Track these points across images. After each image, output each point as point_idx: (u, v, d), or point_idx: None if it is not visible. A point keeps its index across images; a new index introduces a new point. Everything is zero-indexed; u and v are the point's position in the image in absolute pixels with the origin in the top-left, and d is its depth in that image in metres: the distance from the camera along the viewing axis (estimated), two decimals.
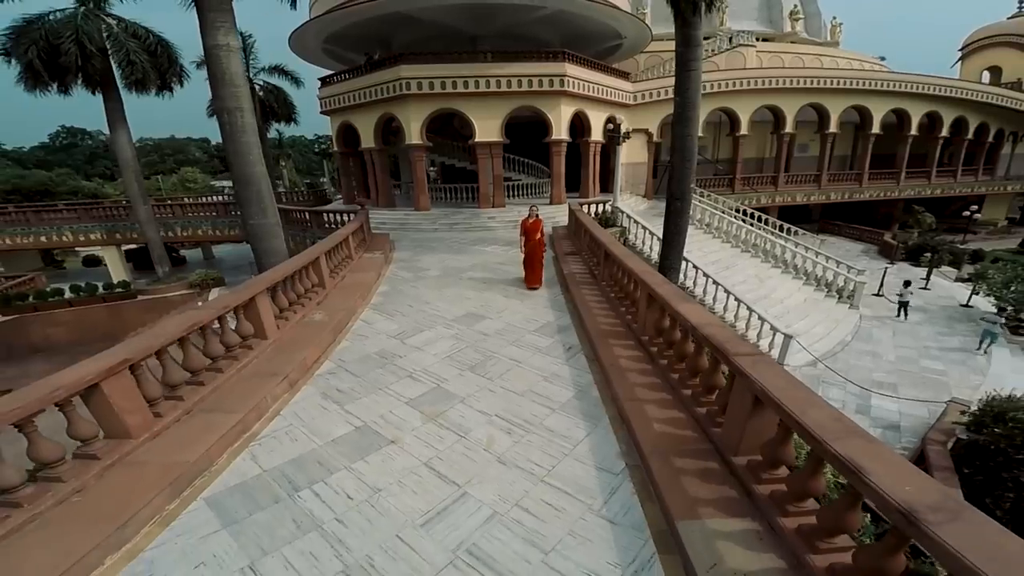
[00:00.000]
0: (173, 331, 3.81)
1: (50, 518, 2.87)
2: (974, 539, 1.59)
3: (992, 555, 1.53)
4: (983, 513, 1.71)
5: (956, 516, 1.68)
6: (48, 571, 2.50)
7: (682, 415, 3.51)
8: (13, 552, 2.64)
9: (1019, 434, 6.11)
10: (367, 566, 2.70)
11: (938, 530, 1.62)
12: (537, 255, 7.86)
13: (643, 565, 2.65)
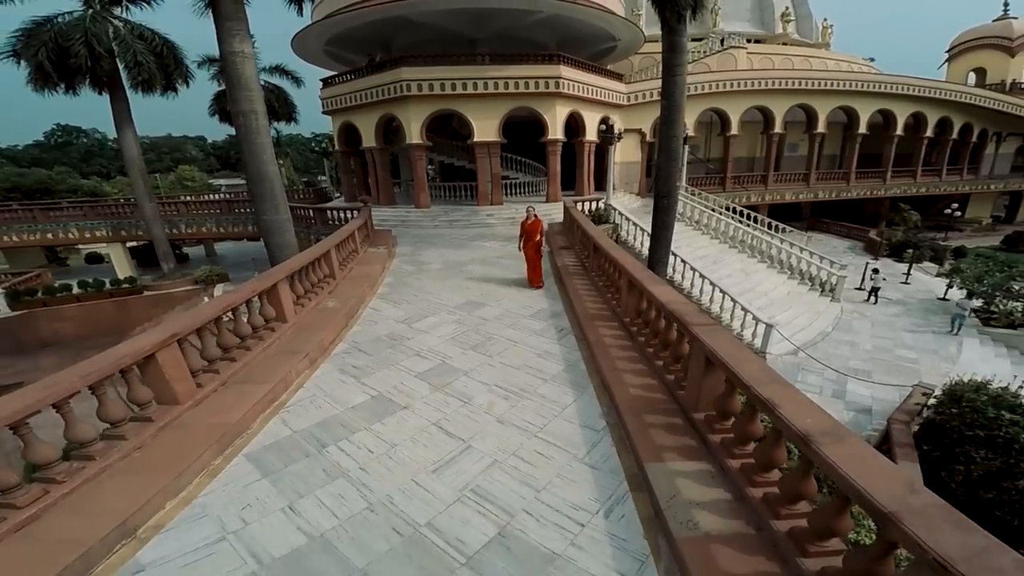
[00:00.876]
0: (211, 312, 4.34)
1: (117, 469, 3.39)
2: (849, 456, 2.15)
3: (860, 466, 2.09)
4: (862, 439, 2.28)
5: (840, 440, 2.24)
6: (121, 512, 3.01)
7: (655, 382, 4.08)
8: (91, 496, 3.15)
9: (969, 413, 6.71)
10: (388, 503, 3.24)
11: (825, 449, 2.18)
12: (537, 255, 7.97)
13: (618, 500, 3.21)
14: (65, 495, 3.07)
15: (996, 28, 34.66)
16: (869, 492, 1.92)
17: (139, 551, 2.88)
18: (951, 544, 1.67)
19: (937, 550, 1.65)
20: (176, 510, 3.24)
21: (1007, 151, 33.31)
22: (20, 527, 2.80)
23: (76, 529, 2.86)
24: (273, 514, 3.18)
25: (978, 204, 33.35)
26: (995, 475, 6.10)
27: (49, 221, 19.23)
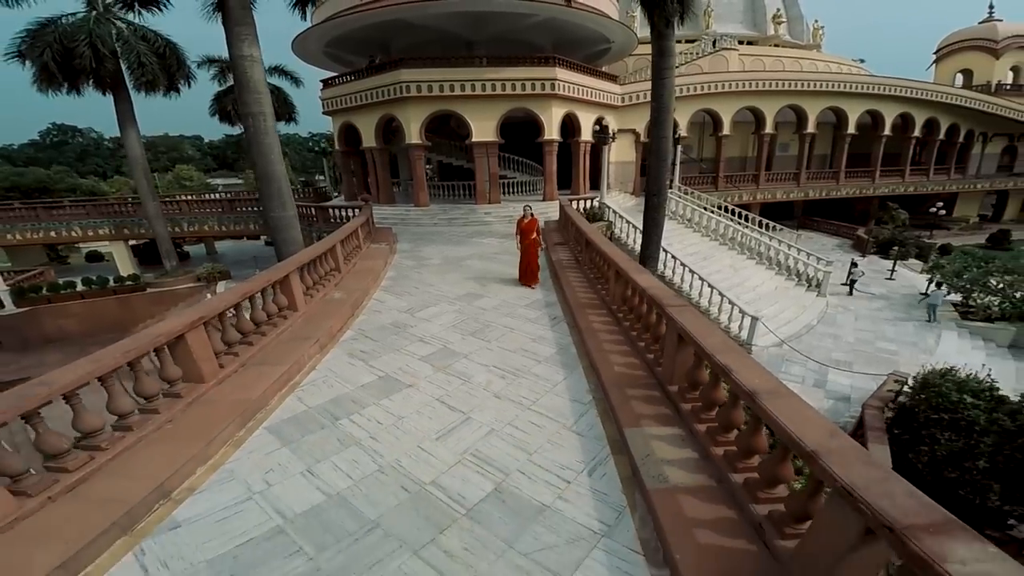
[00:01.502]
0: (231, 298, 4.72)
1: (153, 439, 3.78)
2: (787, 409, 2.57)
3: (794, 417, 2.51)
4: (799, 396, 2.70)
5: (780, 396, 2.67)
6: (158, 476, 3.39)
7: (637, 361, 4.50)
8: (131, 462, 3.53)
9: (935, 398, 7.18)
10: (396, 466, 3.65)
11: (767, 403, 2.61)
12: (533, 254, 7.94)
13: (601, 461, 3.62)
14: (108, 461, 3.45)
15: (981, 30, 35.29)
16: (799, 436, 2.35)
17: (175, 510, 3.26)
18: (857, 475, 2.08)
19: (845, 480, 2.06)
20: (206, 475, 3.62)
21: (993, 151, 33.98)
22: (71, 488, 3.19)
23: (120, 490, 3.24)
24: (293, 477, 3.57)
25: (966, 203, 34.01)
26: (957, 456, 6.56)
27: (52, 220, 19.49)
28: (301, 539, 2.98)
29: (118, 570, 2.76)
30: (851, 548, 2.04)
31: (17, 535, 2.78)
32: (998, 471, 6.32)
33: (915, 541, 1.70)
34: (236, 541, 2.96)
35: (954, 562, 1.60)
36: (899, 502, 1.89)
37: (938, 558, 1.62)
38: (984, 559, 1.63)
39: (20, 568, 2.55)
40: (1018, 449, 6.26)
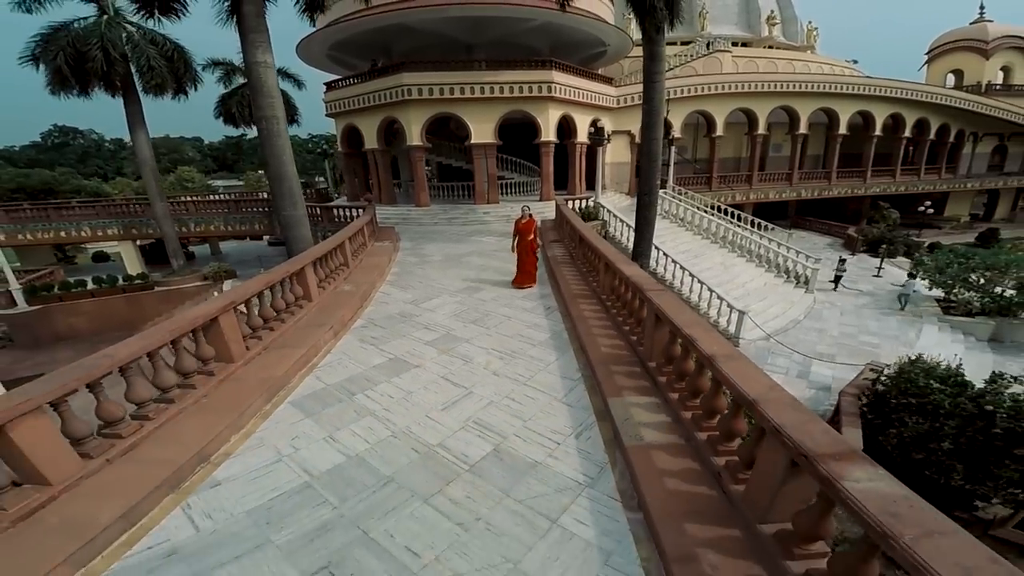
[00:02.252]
0: (256, 286, 5.22)
1: (191, 411, 4.26)
2: (737, 369, 3.07)
3: (743, 375, 3.01)
4: (749, 360, 3.21)
5: (733, 359, 3.17)
6: (198, 442, 3.85)
7: (621, 342, 5.00)
8: (174, 431, 4.00)
9: (904, 383, 7.68)
10: (407, 431, 4.14)
11: (722, 365, 3.11)
12: (530, 255, 7.94)
13: (587, 427, 4.12)
14: (155, 429, 3.94)
15: (972, 31, 35.79)
16: (744, 389, 2.85)
17: (214, 471, 3.74)
18: (786, 418, 2.58)
19: (776, 421, 2.56)
20: (240, 442, 4.11)
21: (984, 151, 34.49)
22: (125, 452, 3.66)
23: (166, 454, 3.71)
24: (317, 442, 4.06)
25: (957, 202, 34.56)
26: (923, 438, 7.04)
27: (62, 220, 19.95)
28: (326, 492, 3.47)
29: (168, 521, 3.22)
30: (781, 481, 2.55)
31: (83, 491, 3.25)
32: (961, 452, 6.81)
33: (823, 465, 2.20)
34: (270, 495, 3.45)
35: (850, 480, 2.09)
36: (816, 438, 2.39)
37: (839, 477, 2.11)
38: (875, 478, 2.12)
39: (91, 518, 3.01)
40: (979, 431, 6.76)
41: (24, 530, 2.85)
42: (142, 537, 3.03)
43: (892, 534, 1.74)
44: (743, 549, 2.63)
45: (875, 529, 1.82)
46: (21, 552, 2.70)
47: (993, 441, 6.59)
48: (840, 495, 2.00)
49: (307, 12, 11.92)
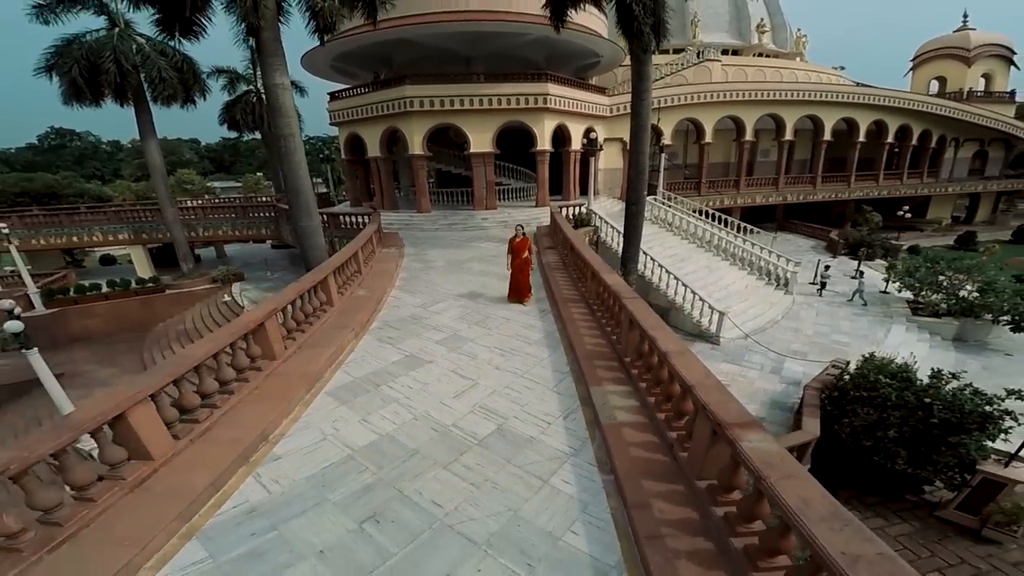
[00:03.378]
0: (290, 295, 6.09)
1: (247, 400, 5.09)
2: (685, 362, 3.98)
3: (687, 367, 3.91)
4: (695, 355, 4.11)
5: (683, 354, 4.07)
6: (257, 426, 4.66)
7: (604, 341, 5.91)
8: (237, 417, 4.81)
9: (858, 378, 8.62)
10: (426, 415, 5.02)
11: (673, 359, 4.02)
12: (524, 273, 8.17)
13: (573, 411, 5.02)
14: (222, 416, 4.78)
15: (955, 39, 36.91)
16: (686, 377, 3.76)
17: (274, 448, 4.59)
18: (711, 399, 3.47)
19: (704, 400, 3.46)
20: (290, 425, 4.97)
21: (965, 155, 35.68)
22: (202, 433, 4.48)
23: (234, 435, 4.55)
24: (353, 424, 4.94)
25: (939, 205, 35.75)
26: (872, 427, 7.96)
27: (74, 225, 20.65)
28: (366, 462, 4.35)
29: (245, 487, 4.04)
30: (708, 446, 3.46)
31: (177, 464, 4.08)
32: (904, 440, 7.74)
33: (730, 431, 3.10)
34: (321, 465, 4.31)
35: (746, 441, 2.99)
36: (729, 412, 3.29)
37: (738, 439, 3.01)
38: (763, 441, 3.01)
39: (187, 485, 3.83)
40: (920, 421, 7.69)
41: (139, 495, 3.70)
42: (226, 500, 3.88)
43: (763, 476, 2.65)
44: (684, 499, 3.52)
45: (755, 473, 2.72)
46: (141, 511, 3.55)
47: (932, 430, 7.53)
48: (737, 450, 2.90)
49: (317, 33, 12.76)
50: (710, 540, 3.06)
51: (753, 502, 2.86)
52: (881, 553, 1.99)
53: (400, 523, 3.58)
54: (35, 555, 2.99)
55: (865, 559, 1.97)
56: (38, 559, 3.00)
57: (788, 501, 2.33)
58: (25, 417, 14.28)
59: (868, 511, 8.42)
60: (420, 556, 3.29)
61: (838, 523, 2.16)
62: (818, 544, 2.07)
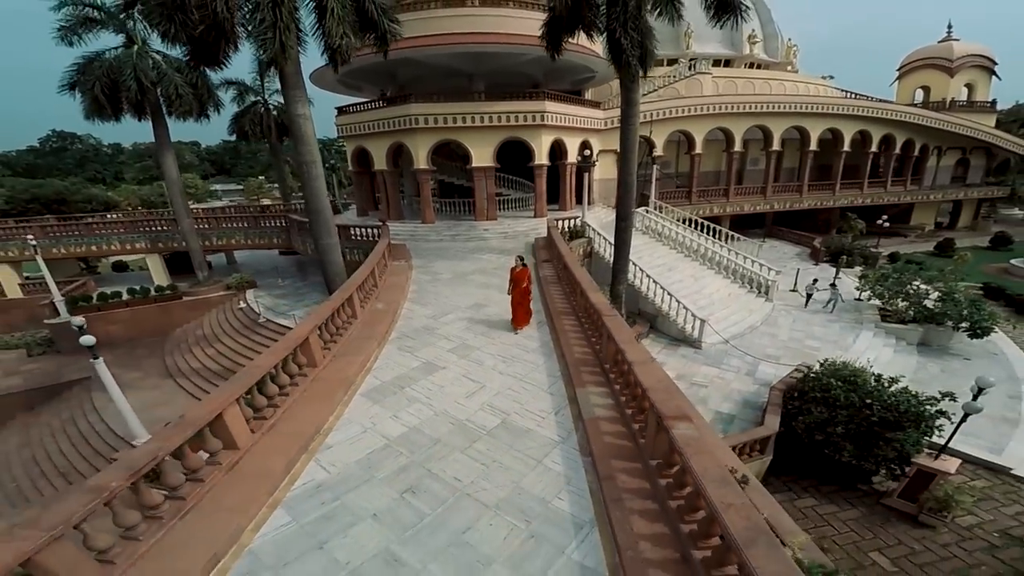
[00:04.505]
0: (326, 312, 7.24)
1: (299, 400, 6.21)
2: (645, 370, 5.16)
3: (646, 373, 5.09)
4: (656, 363, 5.30)
5: (646, 363, 5.25)
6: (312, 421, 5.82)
7: (589, 350, 7.09)
8: (293, 414, 5.97)
9: (813, 380, 9.81)
10: (444, 412, 6.19)
11: (636, 367, 5.19)
12: (524, 300, 8.65)
13: (562, 408, 6.21)
14: (283, 413, 5.92)
15: (939, 49, 38.05)
16: (643, 381, 4.93)
17: (325, 439, 5.74)
18: (658, 398, 4.64)
19: (653, 399, 4.63)
20: (335, 420, 6.12)
21: (948, 163, 36.97)
22: (269, 428, 5.63)
23: (293, 429, 5.69)
24: (386, 419, 6.10)
25: (922, 212, 37.07)
26: (823, 423, 9.15)
27: (93, 235, 21.72)
28: (400, 448, 5.51)
29: (309, 469, 5.18)
30: (656, 433, 4.63)
31: (255, 452, 5.21)
32: (850, 435, 8.93)
33: (667, 421, 4.27)
34: (366, 451, 5.48)
35: (676, 429, 4.15)
36: (669, 408, 4.46)
37: (671, 427, 4.18)
38: (689, 429, 4.17)
39: (268, 468, 4.97)
40: (864, 419, 8.87)
41: (233, 476, 4.84)
42: (297, 479, 5.04)
43: (683, 453, 3.82)
44: (640, 473, 4.69)
45: (679, 452, 3.89)
46: (237, 488, 4.69)
47: (873, 427, 8.73)
48: (671, 436, 4.08)
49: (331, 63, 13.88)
50: (656, 502, 4.24)
51: (682, 474, 4.04)
52: (744, 503, 3.16)
53: (430, 493, 4.76)
54: (171, 521, 4.13)
55: (735, 507, 3.15)
56: (176, 522, 4.14)
57: (695, 469, 3.51)
58: (61, 417, 15.35)
59: (824, 498, 9.61)
60: (447, 516, 4.47)
61: (723, 484, 3.34)
62: (707, 495, 3.25)
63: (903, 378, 9.21)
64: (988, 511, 8.98)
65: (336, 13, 11.14)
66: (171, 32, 9.93)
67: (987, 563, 7.82)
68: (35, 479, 13.15)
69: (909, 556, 8.06)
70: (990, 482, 9.80)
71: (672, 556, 3.70)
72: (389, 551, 4.09)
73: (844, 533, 8.67)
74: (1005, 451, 10.40)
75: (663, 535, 3.89)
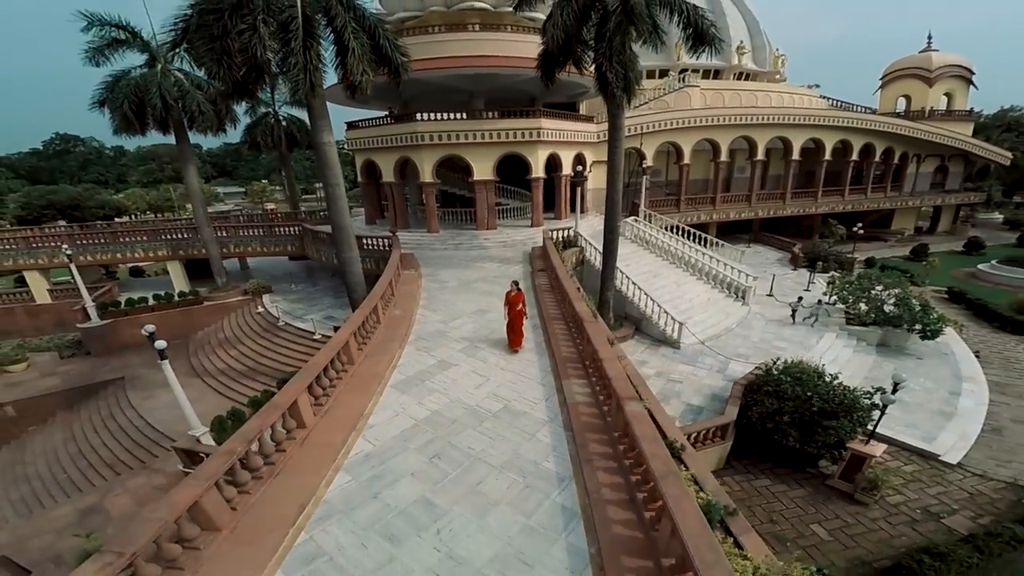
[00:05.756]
0: (359, 318, 8.82)
1: (344, 391, 7.81)
2: (611, 365, 6.78)
3: (611, 367, 6.71)
4: (616, 359, 6.92)
5: (610, 360, 6.87)
6: (357, 407, 7.45)
7: (574, 349, 8.72)
8: (341, 402, 7.58)
9: (766, 376, 11.40)
10: (458, 399, 7.82)
11: (604, 363, 6.81)
12: (519, 323, 9.41)
13: (551, 396, 7.84)
14: (332, 401, 7.50)
15: (919, 59, 39.48)
16: (608, 372, 6.57)
17: (368, 421, 7.34)
18: (618, 385, 6.28)
19: (615, 385, 6.25)
20: (372, 407, 7.72)
21: (927, 170, 38.66)
22: (325, 413, 7.22)
23: (343, 413, 7.30)
24: (413, 406, 7.72)
25: (903, 217, 38.75)
26: (773, 413, 10.74)
27: (119, 243, 23.25)
28: (426, 427, 7.13)
29: (358, 442, 6.79)
30: (616, 411, 6.24)
31: (319, 430, 6.81)
32: (795, 423, 10.52)
33: (622, 400, 5.90)
34: (401, 429, 7.09)
35: (628, 405, 5.80)
36: (626, 390, 6.12)
37: (624, 404, 5.83)
38: (637, 405, 5.82)
39: (330, 442, 6.57)
40: (806, 410, 10.42)
41: (305, 448, 6.43)
42: (351, 450, 6.63)
43: (631, 423, 5.43)
44: (606, 442, 6.31)
45: (627, 421, 5.50)
46: (310, 456, 6.28)
47: (814, 416, 10.32)
48: (624, 411, 5.70)
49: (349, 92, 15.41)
50: (615, 461, 5.86)
51: (633, 439, 5.64)
52: (665, 455, 4.77)
53: (451, 458, 6.37)
54: (268, 480, 5.72)
55: (658, 456, 4.76)
56: (272, 480, 5.73)
57: (637, 433, 5.13)
58: (101, 414, 16.86)
59: (776, 479, 11.15)
60: (464, 474, 6.08)
61: (654, 442, 4.97)
62: (641, 448, 4.87)
63: (841, 374, 10.84)
64: (915, 491, 10.43)
65: (356, 52, 12.65)
66: (218, 73, 11.41)
67: (907, 535, 9.17)
68: (84, 470, 14.60)
69: (843, 528, 9.44)
70: (920, 467, 11.27)
71: (624, 497, 5.31)
72: (424, 498, 5.69)
73: (791, 508, 10.15)
74: (936, 440, 11.97)
75: (619, 483, 5.50)
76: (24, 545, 10.74)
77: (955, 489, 10.54)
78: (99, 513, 11.61)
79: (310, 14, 11.68)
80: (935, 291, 24.47)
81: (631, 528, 4.84)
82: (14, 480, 15.16)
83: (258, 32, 11.05)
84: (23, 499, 14.07)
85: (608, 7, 12.69)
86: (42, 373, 19.58)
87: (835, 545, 9.07)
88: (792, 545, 9.04)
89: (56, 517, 11.80)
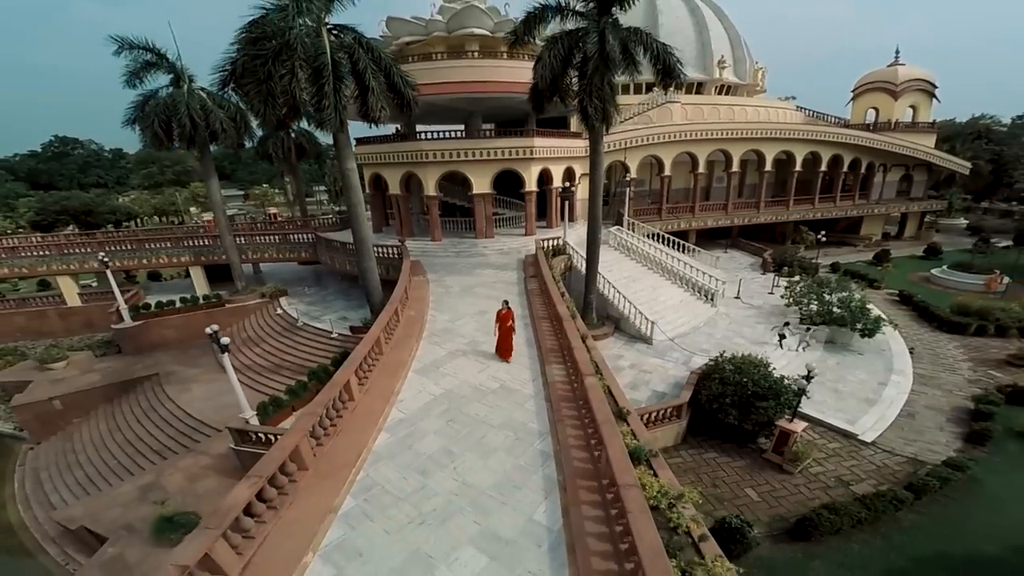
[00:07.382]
0: (386, 318, 11.10)
1: (376, 374, 10.10)
2: (580, 353, 9.15)
3: (580, 356, 9.08)
4: (585, 349, 9.30)
5: (579, 349, 9.24)
6: (388, 387, 9.76)
7: (556, 342, 11.09)
8: (377, 382, 9.90)
9: (714, 366, 13.79)
10: (466, 381, 10.20)
11: (576, 352, 9.19)
12: (508, 338, 10.81)
13: (537, 377, 10.25)
14: (370, 382, 9.78)
15: (885, 73, 41.99)
16: (580, 361, 8.93)
17: (398, 396, 9.66)
18: (582, 366, 8.62)
19: (580, 367, 8.60)
20: (400, 386, 10.05)
21: (893, 179, 41.42)
22: (366, 391, 9.51)
23: (380, 389, 9.61)
24: (431, 385, 10.10)
25: (871, 223, 41.47)
26: (717, 396, 13.11)
27: (145, 250, 25.31)
28: (443, 400, 9.51)
29: (392, 411, 9.12)
30: (580, 384, 8.60)
31: (362, 403, 9.10)
32: (734, 404, 12.89)
33: (582, 374, 8.25)
34: (423, 402, 9.45)
35: (586, 378, 8.15)
36: (585, 368, 8.47)
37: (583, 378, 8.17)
38: (593, 377, 8.19)
39: (371, 411, 8.87)
40: (744, 393, 12.76)
41: (354, 416, 8.73)
42: (388, 417, 8.95)
43: (588, 392, 7.79)
44: (574, 408, 8.66)
45: (585, 389, 7.85)
46: (359, 421, 8.58)
47: (750, 398, 12.71)
48: (583, 383, 8.06)
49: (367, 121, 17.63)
50: (580, 421, 8.22)
51: (587, 401, 8.00)
52: (608, 411, 7.11)
53: (462, 421, 8.72)
54: (332, 437, 7.99)
55: (602, 411, 7.10)
56: (334, 437, 8.01)
57: (591, 399, 7.49)
58: (141, 407, 18.86)
59: (723, 452, 13.38)
60: (472, 431, 8.43)
61: (603, 403, 7.30)
62: (592, 406, 7.22)
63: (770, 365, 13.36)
64: (833, 464, 12.49)
65: (376, 92, 14.85)
66: (265, 112, 13.52)
67: (820, 498, 11.18)
68: (133, 456, 16.54)
69: (770, 492, 11.57)
70: (841, 444, 13.51)
71: (583, 443, 7.66)
72: (445, 447, 8.03)
73: (731, 475, 12.34)
74: (858, 422, 14.33)
75: (581, 435, 7.85)
76: (98, 517, 12.56)
77: (866, 463, 12.71)
78: (158, 489, 13.52)
79: (338, 60, 13.77)
80: (889, 294, 27.12)
81: (585, 463, 7.17)
82: (68, 466, 17.05)
83: (296, 76, 13.14)
84: (79, 482, 15.93)
85: (587, 53, 14.93)
86: (82, 370, 21.47)
87: (762, 504, 11.26)
88: (729, 505, 11.25)
89: (121, 493, 13.59)
